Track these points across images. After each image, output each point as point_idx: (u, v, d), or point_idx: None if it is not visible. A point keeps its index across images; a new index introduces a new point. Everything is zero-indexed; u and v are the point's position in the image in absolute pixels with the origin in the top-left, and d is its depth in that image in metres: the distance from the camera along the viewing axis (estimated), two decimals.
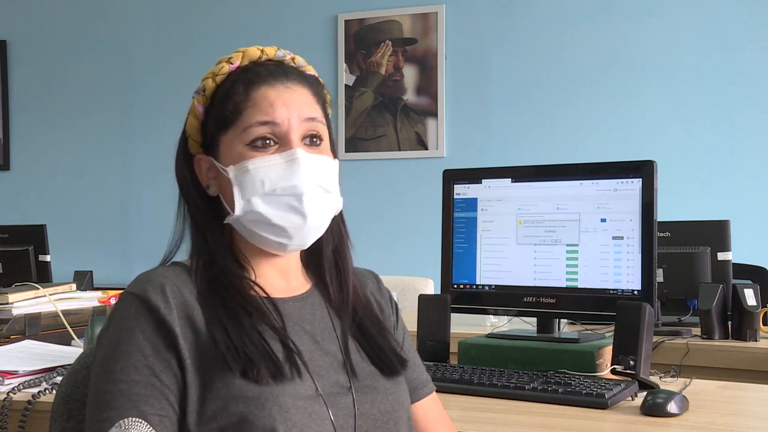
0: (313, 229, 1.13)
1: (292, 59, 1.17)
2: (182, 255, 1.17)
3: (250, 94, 1.11)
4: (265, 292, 1.12)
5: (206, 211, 1.15)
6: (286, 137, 1.10)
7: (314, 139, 1.13)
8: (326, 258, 1.20)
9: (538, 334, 1.86)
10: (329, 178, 1.13)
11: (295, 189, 1.10)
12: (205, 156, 1.15)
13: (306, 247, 1.16)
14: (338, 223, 1.20)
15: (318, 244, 1.17)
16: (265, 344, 1.05)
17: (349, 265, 1.21)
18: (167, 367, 1.02)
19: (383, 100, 4.25)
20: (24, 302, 2.14)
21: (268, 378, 1.02)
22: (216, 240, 1.14)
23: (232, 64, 1.14)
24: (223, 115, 1.12)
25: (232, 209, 1.11)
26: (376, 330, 1.18)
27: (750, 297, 2.32)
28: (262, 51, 1.15)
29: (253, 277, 1.13)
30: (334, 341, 1.14)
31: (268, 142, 1.10)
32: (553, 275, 1.82)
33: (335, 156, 1.18)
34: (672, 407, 1.43)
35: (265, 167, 1.10)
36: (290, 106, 1.11)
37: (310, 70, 1.19)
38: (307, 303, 1.16)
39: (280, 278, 1.17)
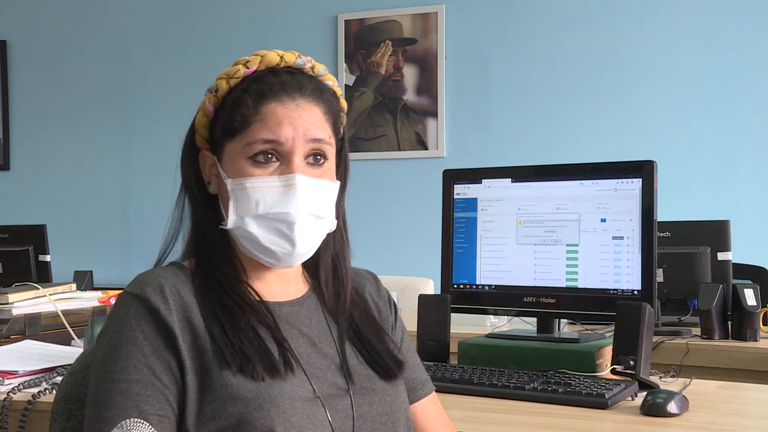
0: (301, 255, 1.13)
1: (312, 68, 1.14)
2: (177, 249, 1.17)
3: (259, 108, 1.10)
4: (260, 296, 1.13)
5: (207, 208, 1.15)
6: (288, 156, 1.10)
7: (318, 158, 1.12)
8: (326, 264, 1.20)
9: (538, 334, 1.86)
10: (324, 204, 1.13)
11: (288, 216, 1.09)
12: (210, 154, 1.15)
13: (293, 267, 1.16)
14: (340, 230, 1.20)
15: (318, 250, 1.17)
16: (260, 341, 1.06)
17: (347, 272, 1.21)
18: (167, 368, 1.02)
19: (383, 100, 4.25)
20: (24, 302, 2.14)
21: (264, 374, 1.03)
22: (214, 241, 1.14)
23: (248, 68, 1.12)
24: (231, 123, 1.11)
25: (227, 218, 1.11)
26: (372, 333, 1.18)
27: (750, 297, 2.32)
28: (281, 57, 1.13)
29: (248, 280, 1.14)
30: (331, 344, 1.14)
31: (270, 157, 1.10)
32: (553, 275, 1.82)
33: (341, 175, 1.18)
34: (672, 407, 1.42)
35: (262, 188, 1.09)
36: (297, 126, 1.09)
37: (330, 80, 1.16)
38: (304, 307, 1.16)
39: (279, 282, 1.17)
